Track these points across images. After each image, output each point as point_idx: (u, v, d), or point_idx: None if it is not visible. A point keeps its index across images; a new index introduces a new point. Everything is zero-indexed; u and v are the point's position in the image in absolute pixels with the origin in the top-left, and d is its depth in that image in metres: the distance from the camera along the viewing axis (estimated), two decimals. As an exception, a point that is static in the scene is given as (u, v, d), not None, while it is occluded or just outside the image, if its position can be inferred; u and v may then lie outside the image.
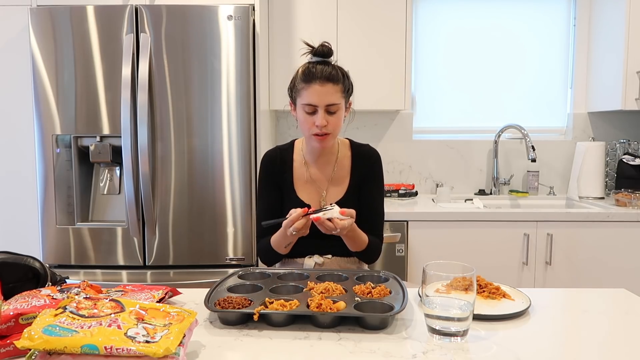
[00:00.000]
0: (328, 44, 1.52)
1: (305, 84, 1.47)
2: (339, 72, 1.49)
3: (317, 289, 1.16)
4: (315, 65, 1.48)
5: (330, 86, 1.46)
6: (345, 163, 1.63)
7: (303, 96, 1.48)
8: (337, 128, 1.52)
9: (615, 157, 2.87)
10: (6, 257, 1.11)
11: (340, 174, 1.62)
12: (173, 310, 0.95)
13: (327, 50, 1.51)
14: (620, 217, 2.32)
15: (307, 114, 1.49)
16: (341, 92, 1.49)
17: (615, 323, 1.11)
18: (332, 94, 1.46)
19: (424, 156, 2.97)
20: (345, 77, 1.52)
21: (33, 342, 0.79)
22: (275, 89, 2.57)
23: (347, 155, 1.64)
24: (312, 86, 1.46)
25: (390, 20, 2.59)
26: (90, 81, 2.17)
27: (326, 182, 1.62)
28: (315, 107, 1.47)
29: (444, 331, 0.97)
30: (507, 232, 2.34)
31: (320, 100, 1.46)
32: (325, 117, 1.47)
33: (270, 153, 1.66)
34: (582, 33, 2.90)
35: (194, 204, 2.19)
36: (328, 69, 1.47)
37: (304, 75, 1.48)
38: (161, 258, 2.22)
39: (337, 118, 1.50)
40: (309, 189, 1.61)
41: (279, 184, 1.62)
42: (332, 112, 1.48)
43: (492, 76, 2.99)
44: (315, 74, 1.46)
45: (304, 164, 1.62)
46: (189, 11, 2.14)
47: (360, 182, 1.62)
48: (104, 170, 2.31)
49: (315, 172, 1.62)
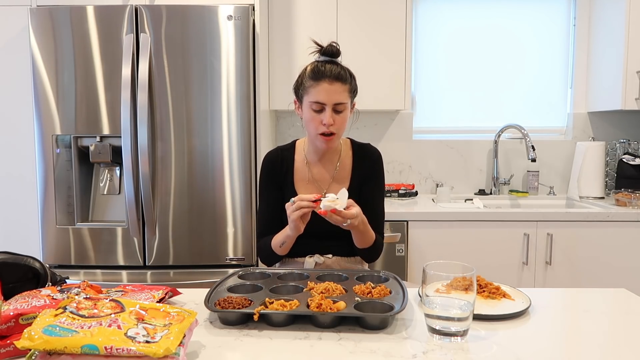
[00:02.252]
0: (336, 44, 1.53)
1: (314, 81, 1.47)
2: (347, 73, 1.51)
3: (317, 289, 1.16)
4: (324, 64, 1.49)
5: (339, 85, 1.47)
6: (347, 162, 1.63)
7: (311, 94, 1.48)
8: (342, 128, 1.52)
9: (615, 157, 2.87)
10: (6, 257, 1.11)
11: (342, 173, 1.62)
12: (173, 310, 0.95)
13: (335, 50, 1.52)
14: (620, 217, 2.32)
15: (314, 112, 1.49)
16: (348, 92, 1.50)
17: (615, 323, 1.11)
18: (340, 93, 1.47)
19: (424, 156, 2.97)
20: (352, 77, 1.54)
21: (33, 342, 0.79)
22: (275, 89, 2.57)
23: (348, 154, 1.64)
24: (321, 84, 1.46)
25: (390, 20, 2.59)
26: (90, 81, 2.17)
27: (328, 182, 1.62)
28: (323, 106, 1.47)
29: (444, 331, 0.97)
30: (507, 232, 2.34)
31: (329, 98, 1.46)
32: (332, 115, 1.47)
33: (271, 153, 1.65)
34: (582, 33, 2.90)
35: (194, 204, 2.19)
36: (337, 68, 1.48)
37: (313, 73, 1.48)
38: (161, 258, 2.22)
39: (343, 118, 1.50)
40: (311, 189, 1.60)
41: (279, 184, 1.62)
42: (339, 111, 1.49)
43: (492, 76, 2.99)
44: (325, 72, 1.47)
45: (305, 164, 1.62)
46: (189, 11, 2.14)
47: (361, 182, 1.62)
48: (104, 171, 2.31)
49: (318, 172, 1.62)
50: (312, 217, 1.55)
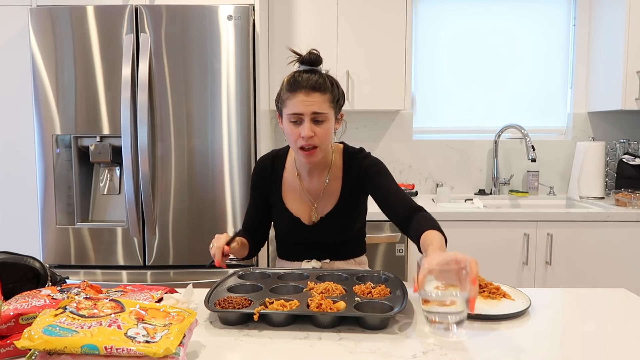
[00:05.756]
0: (316, 52, 1.43)
1: (290, 93, 1.38)
2: (326, 81, 1.40)
3: (317, 289, 1.17)
4: (301, 74, 1.39)
5: (317, 95, 1.36)
6: (338, 173, 1.54)
7: (288, 106, 1.39)
8: (325, 140, 1.40)
9: (615, 157, 2.87)
10: (6, 257, 1.11)
11: (333, 184, 1.54)
12: (173, 310, 0.95)
13: (314, 58, 1.42)
14: (620, 217, 2.32)
15: (292, 125, 1.39)
16: (329, 102, 1.39)
17: (615, 323, 1.11)
18: (318, 103, 1.36)
19: (424, 156, 2.97)
20: (335, 86, 1.43)
21: (33, 342, 0.79)
22: (275, 89, 2.53)
23: (339, 163, 1.55)
24: (298, 95, 1.36)
25: (390, 20, 2.59)
26: (90, 81, 2.17)
27: (318, 194, 1.54)
28: (300, 116, 1.37)
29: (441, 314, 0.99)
30: (507, 232, 2.34)
31: (306, 109, 1.36)
32: (311, 127, 1.36)
33: (262, 160, 1.59)
34: (582, 33, 2.90)
35: (194, 204, 2.19)
36: (315, 77, 1.38)
37: (289, 85, 1.39)
38: (161, 258, 2.22)
39: (324, 129, 1.39)
40: (300, 201, 1.54)
41: (266, 195, 1.57)
42: (319, 121, 1.38)
43: (492, 76, 2.99)
44: (301, 82, 1.37)
45: (296, 176, 1.55)
46: (189, 11, 2.14)
47: (353, 190, 1.52)
48: (104, 170, 2.31)
49: (308, 184, 1.54)
50: (301, 229, 1.53)
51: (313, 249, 1.55)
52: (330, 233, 1.54)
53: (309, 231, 1.54)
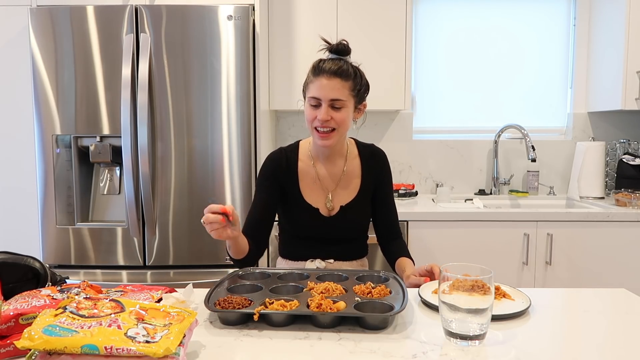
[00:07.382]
0: (345, 42, 1.51)
1: (313, 77, 1.46)
2: (350, 69, 1.47)
3: (317, 289, 1.16)
4: (326, 60, 1.48)
5: (338, 81, 1.44)
6: (355, 164, 1.59)
7: (310, 89, 1.47)
8: (342, 125, 1.47)
9: (615, 157, 2.87)
10: (6, 257, 1.11)
11: (350, 176, 1.58)
12: (173, 310, 0.95)
13: (342, 48, 1.50)
14: (620, 217, 2.32)
15: (311, 107, 1.47)
16: (349, 90, 1.46)
17: (615, 323, 1.11)
18: (337, 89, 1.44)
19: (424, 156, 2.97)
20: (359, 76, 1.50)
21: (33, 342, 0.79)
22: (275, 89, 2.57)
23: (355, 155, 1.61)
24: (320, 79, 1.44)
25: (390, 20, 2.59)
26: (90, 81, 2.17)
27: (333, 183, 1.58)
28: (319, 101, 1.44)
29: (462, 334, 0.95)
30: (507, 232, 2.34)
31: (325, 94, 1.43)
32: (328, 111, 1.44)
33: (275, 153, 1.61)
34: (582, 33, 2.90)
35: (194, 204, 2.19)
36: (339, 63, 1.46)
37: (314, 69, 1.48)
38: (161, 258, 2.22)
39: (342, 116, 1.46)
40: (316, 191, 1.57)
41: (282, 186, 1.58)
42: (337, 107, 1.45)
43: (492, 76, 2.99)
44: (324, 68, 1.45)
45: (311, 165, 1.58)
46: (189, 11, 2.14)
47: (373, 187, 1.60)
48: (104, 171, 2.31)
49: (323, 171, 1.58)
50: (319, 221, 1.54)
51: (320, 247, 1.55)
52: (346, 226, 1.57)
53: (325, 223, 1.55)
